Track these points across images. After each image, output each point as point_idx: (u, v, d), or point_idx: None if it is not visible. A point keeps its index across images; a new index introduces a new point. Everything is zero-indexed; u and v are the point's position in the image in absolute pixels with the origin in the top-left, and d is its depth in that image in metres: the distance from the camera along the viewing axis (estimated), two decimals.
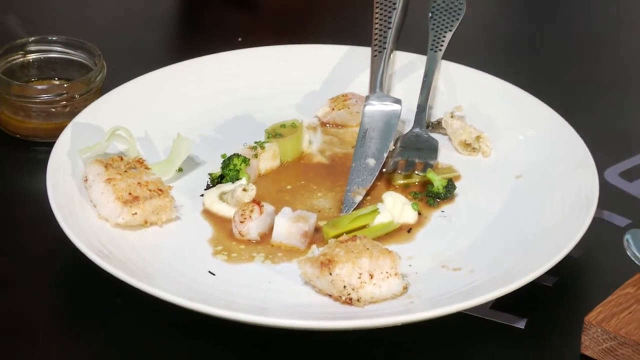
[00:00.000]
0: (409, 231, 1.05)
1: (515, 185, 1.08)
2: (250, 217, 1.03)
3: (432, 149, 1.11)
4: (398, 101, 1.13)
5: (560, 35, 1.28)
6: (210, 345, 0.96)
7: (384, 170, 1.10)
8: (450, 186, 1.08)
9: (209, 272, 1.01)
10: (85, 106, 1.11)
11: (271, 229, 1.04)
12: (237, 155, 1.08)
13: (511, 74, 1.15)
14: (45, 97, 1.12)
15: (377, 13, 1.19)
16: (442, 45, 1.17)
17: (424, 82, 1.15)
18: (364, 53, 1.17)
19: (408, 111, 1.13)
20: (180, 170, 1.09)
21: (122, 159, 1.06)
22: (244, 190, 1.06)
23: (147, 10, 1.31)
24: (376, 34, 1.18)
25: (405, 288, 0.98)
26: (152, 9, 1.32)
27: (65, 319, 1.00)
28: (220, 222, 1.05)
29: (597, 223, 1.02)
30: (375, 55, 1.17)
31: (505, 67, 1.16)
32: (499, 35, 1.27)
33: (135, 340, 0.97)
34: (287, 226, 1.03)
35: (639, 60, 1.27)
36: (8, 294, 1.01)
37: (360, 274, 0.97)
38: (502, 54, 1.21)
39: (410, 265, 1.01)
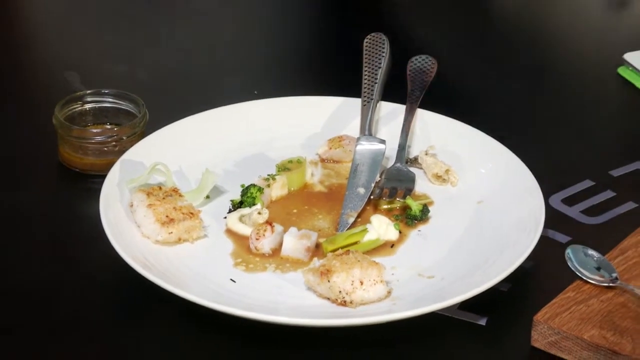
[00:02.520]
0: (391, 246, 1.04)
1: (477, 209, 1.08)
2: (264, 235, 1.03)
3: (410, 180, 1.11)
4: (383, 142, 1.13)
5: (512, 88, 1.26)
6: (230, 338, 0.95)
7: (372, 197, 1.09)
8: (425, 210, 1.07)
9: (231, 279, 1.00)
10: (131, 146, 1.11)
11: (281, 244, 1.03)
12: (254, 185, 1.08)
13: (473, 120, 1.14)
14: (99, 138, 1.12)
15: (365, 72, 1.19)
16: (417, 97, 1.17)
17: (403, 126, 1.15)
18: (355, 103, 1.17)
19: (391, 150, 1.13)
20: (207, 197, 1.08)
21: (160, 188, 1.06)
22: (259, 213, 1.05)
23: (179, 69, 1.31)
24: (365, 88, 1.18)
25: (389, 292, 0.98)
26: (184, 67, 1.32)
27: (114, 318, 0.99)
28: (239, 239, 1.04)
29: (544, 240, 1.01)
30: (364, 105, 1.16)
31: (468, 114, 1.15)
32: (463, 88, 1.25)
33: (171, 334, 0.96)
34: (294, 242, 1.02)
35: (576, 107, 1.25)
36: (68, 297, 1.00)
37: (353, 281, 0.96)
38: (465, 103, 1.20)
39: (393, 274, 1.00)
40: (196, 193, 1.08)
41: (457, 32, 1.36)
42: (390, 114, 1.17)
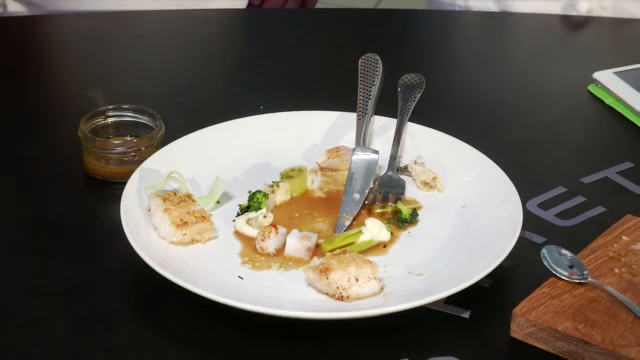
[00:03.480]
0: (384, 247, 1.04)
1: (461, 213, 1.08)
2: (268, 236, 1.03)
3: (401, 186, 1.10)
4: (376, 152, 1.13)
5: (493, 104, 1.27)
6: (237, 330, 0.95)
7: (366, 202, 1.09)
8: (414, 214, 1.07)
9: (239, 277, 1.00)
10: (149, 156, 1.11)
11: (284, 245, 1.03)
12: (259, 192, 1.08)
13: (458, 132, 1.14)
14: (120, 149, 1.12)
15: (360, 89, 1.19)
16: (408, 111, 1.17)
17: (394, 138, 1.15)
18: (351, 117, 1.17)
19: (383, 159, 1.13)
20: (218, 202, 1.08)
21: (175, 194, 1.06)
22: (264, 217, 1.05)
23: (193, 86, 1.31)
24: (360, 103, 1.18)
25: (382, 288, 0.98)
26: (197, 85, 1.32)
27: (133, 310, 0.99)
28: (247, 240, 1.04)
29: (521, 241, 1.01)
30: (359, 119, 1.16)
31: (453, 127, 1.15)
32: (449, 104, 1.26)
33: (185, 327, 0.96)
34: (296, 243, 1.02)
35: (550, 121, 1.25)
36: (91, 292, 1.00)
37: (349, 278, 0.96)
38: (451, 118, 1.21)
39: (385, 272, 1.00)
40: (208, 198, 1.08)
41: (443, 54, 1.37)
42: (383, 127, 1.17)
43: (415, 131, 1.16)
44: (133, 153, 1.12)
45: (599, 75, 1.29)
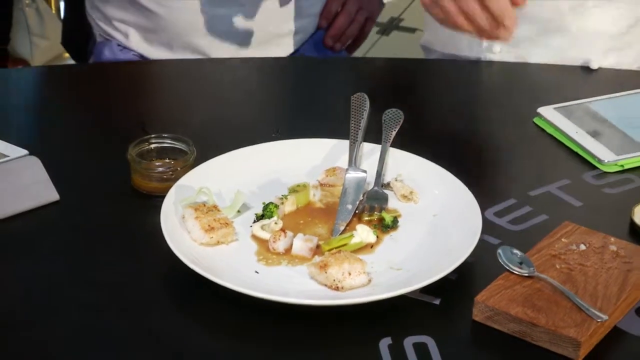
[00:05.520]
0: (371, 247, 1.03)
1: (432, 220, 1.07)
2: (279, 239, 1.02)
3: (384, 199, 1.10)
4: (365, 171, 1.12)
5: (457, 132, 1.27)
6: (253, 314, 0.95)
7: (357, 211, 1.08)
8: (395, 221, 1.06)
9: (255, 271, 0.99)
10: (183, 175, 1.10)
11: (291, 246, 1.02)
12: (272, 203, 1.07)
13: (430, 155, 1.14)
14: (160, 169, 1.11)
15: (352, 121, 1.19)
16: (390, 139, 1.17)
17: (379, 160, 1.14)
18: (344, 144, 1.16)
19: (370, 177, 1.12)
20: (238, 212, 1.07)
21: (204, 205, 1.05)
22: (275, 223, 1.05)
23: (219, 118, 1.30)
24: (352, 132, 1.17)
25: (370, 281, 0.97)
26: (222, 117, 1.31)
27: (170, 299, 0.98)
28: (261, 242, 1.03)
29: (481, 242, 1.00)
30: (351, 145, 1.16)
31: (426, 152, 1.15)
32: (423, 133, 1.25)
33: (211, 311, 0.96)
34: (300, 244, 1.02)
35: (503, 147, 1.25)
36: (136, 284, 1.00)
37: (343, 272, 0.96)
38: (425, 144, 1.20)
39: (372, 267, 0.99)
40: (230, 209, 1.07)
41: (417, 94, 1.36)
42: (370, 151, 1.16)
43: (395, 155, 1.15)
44: (171, 172, 1.11)
45: (542, 110, 1.29)
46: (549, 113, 1.28)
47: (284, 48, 1.64)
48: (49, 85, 1.46)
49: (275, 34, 1.62)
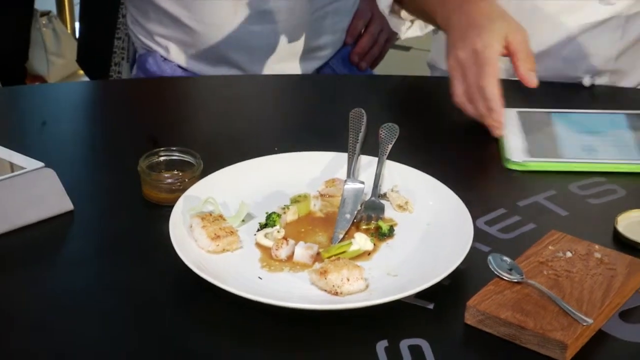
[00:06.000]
0: (368, 254, 1.03)
1: (427, 229, 1.07)
2: (281, 246, 1.02)
3: (381, 209, 1.09)
4: (362, 183, 1.12)
5: (447, 147, 1.25)
6: (256, 318, 0.94)
7: (355, 220, 1.08)
8: (391, 229, 1.06)
9: (259, 277, 0.99)
10: (191, 186, 1.10)
11: (293, 253, 1.02)
12: (274, 212, 1.07)
13: (424, 168, 1.14)
14: (169, 181, 1.11)
15: (350, 135, 1.19)
16: (386, 152, 1.16)
17: (376, 172, 1.14)
18: (343, 156, 1.16)
19: (368, 188, 1.12)
20: (243, 221, 1.07)
21: (211, 214, 1.04)
22: (278, 232, 1.04)
23: (224, 133, 1.30)
24: (350, 146, 1.17)
25: (367, 286, 0.97)
26: (227, 132, 1.31)
27: (177, 303, 0.98)
28: (265, 250, 1.03)
29: (473, 250, 1.00)
30: (350, 158, 1.16)
31: (421, 164, 1.15)
32: (417, 146, 1.25)
33: (217, 315, 0.95)
34: (302, 252, 1.01)
35: (497, 156, 1.23)
36: (146, 288, 1.00)
37: (342, 278, 0.96)
38: (419, 157, 1.20)
39: (369, 273, 0.99)
40: (235, 218, 1.06)
41: (412, 110, 1.36)
42: (367, 163, 1.16)
43: (391, 167, 1.15)
44: (179, 184, 1.11)
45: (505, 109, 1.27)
46: (509, 114, 1.27)
47: (314, 61, 1.67)
48: (64, 101, 1.46)
49: (306, 49, 1.65)
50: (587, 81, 1.40)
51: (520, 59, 1.22)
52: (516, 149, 1.21)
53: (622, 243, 1.04)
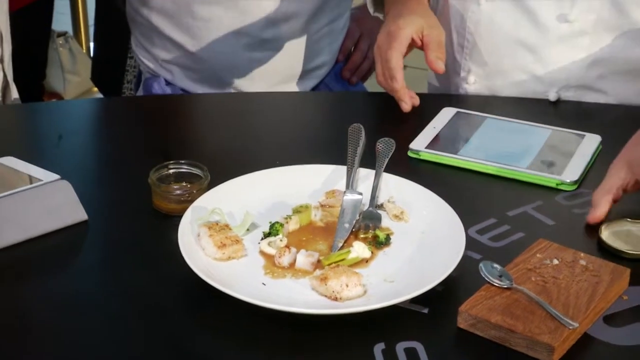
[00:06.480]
0: (366, 262, 1.02)
1: (421, 237, 1.06)
2: (284, 254, 1.02)
3: (378, 218, 1.09)
4: (360, 194, 1.12)
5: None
6: (260, 322, 0.94)
7: (353, 229, 1.08)
8: (388, 238, 1.06)
9: (262, 283, 0.99)
10: (199, 197, 1.09)
11: (295, 260, 1.01)
12: (277, 222, 1.07)
13: (418, 179, 1.14)
14: (178, 192, 1.11)
15: (349, 148, 1.19)
16: (383, 165, 1.16)
17: (373, 184, 1.13)
18: (343, 169, 1.16)
19: (365, 199, 1.12)
20: (247, 230, 1.07)
21: (217, 224, 1.04)
22: (281, 240, 1.04)
23: (229, 147, 1.30)
24: (349, 159, 1.17)
25: (365, 292, 0.97)
26: (232, 146, 1.31)
27: (186, 308, 0.98)
28: (268, 257, 1.03)
29: (465, 257, 1.00)
30: (349, 170, 1.15)
31: (415, 176, 1.15)
32: (411, 159, 1.24)
33: (223, 319, 0.95)
34: (303, 259, 1.01)
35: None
36: (156, 294, 0.99)
37: (341, 284, 0.95)
38: (413, 169, 1.21)
39: (367, 280, 0.99)
40: (240, 227, 1.06)
41: (407, 125, 1.36)
42: (365, 176, 1.16)
43: (388, 179, 1.15)
44: (187, 195, 1.11)
45: (446, 108, 1.31)
46: (448, 111, 1.31)
47: (311, 81, 1.69)
48: (79, 116, 1.47)
49: (304, 70, 1.66)
50: (552, 96, 1.41)
51: (431, 48, 1.30)
52: (421, 140, 1.25)
53: (605, 251, 1.04)
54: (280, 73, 1.64)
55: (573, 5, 1.35)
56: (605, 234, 1.06)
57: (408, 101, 1.33)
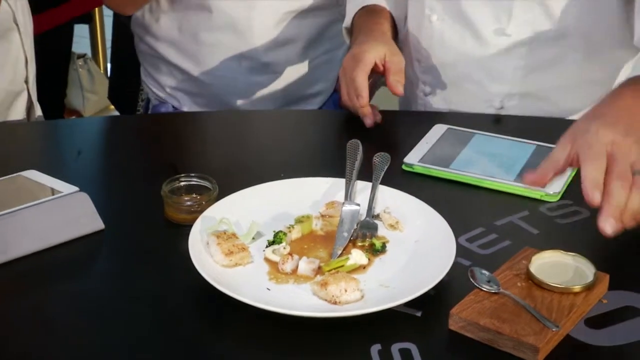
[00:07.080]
0: (363, 268, 1.02)
1: (415, 246, 1.06)
2: (287, 261, 1.01)
3: (375, 228, 1.09)
4: (358, 205, 1.12)
5: None
6: (265, 324, 0.94)
7: (352, 238, 1.07)
8: (384, 246, 1.06)
9: (267, 288, 0.99)
10: (208, 207, 1.09)
11: (297, 267, 1.01)
12: (281, 231, 1.07)
13: (412, 192, 1.14)
14: (188, 203, 1.11)
15: (347, 162, 1.19)
16: (379, 178, 1.16)
17: (370, 195, 1.14)
18: (341, 182, 1.16)
19: (363, 209, 1.12)
20: (253, 239, 1.07)
21: (225, 233, 1.04)
22: (284, 248, 1.04)
23: (235, 162, 1.30)
24: (347, 172, 1.17)
25: (362, 296, 0.97)
26: (238, 161, 1.31)
27: (195, 312, 0.98)
28: (272, 264, 1.03)
29: (455, 264, 1.00)
30: (347, 183, 1.16)
31: (409, 188, 1.14)
32: (405, 172, 1.23)
33: (231, 322, 0.95)
34: (305, 266, 1.01)
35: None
36: (168, 302, 0.99)
37: (340, 289, 0.95)
38: (407, 182, 1.19)
39: (364, 285, 0.99)
40: (246, 236, 1.06)
41: (403, 141, 1.36)
42: (363, 188, 1.16)
43: (384, 191, 1.15)
44: (197, 206, 1.11)
45: (437, 125, 1.31)
46: (439, 128, 1.31)
47: (309, 107, 1.68)
48: (97, 132, 1.47)
49: (302, 96, 1.66)
50: (497, 104, 1.42)
51: (392, 72, 1.30)
52: (414, 155, 1.25)
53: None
54: (280, 97, 1.65)
55: (509, 20, 1.35)
56: (535, 265, 0.98)
57: (371, 117, 1.34)
